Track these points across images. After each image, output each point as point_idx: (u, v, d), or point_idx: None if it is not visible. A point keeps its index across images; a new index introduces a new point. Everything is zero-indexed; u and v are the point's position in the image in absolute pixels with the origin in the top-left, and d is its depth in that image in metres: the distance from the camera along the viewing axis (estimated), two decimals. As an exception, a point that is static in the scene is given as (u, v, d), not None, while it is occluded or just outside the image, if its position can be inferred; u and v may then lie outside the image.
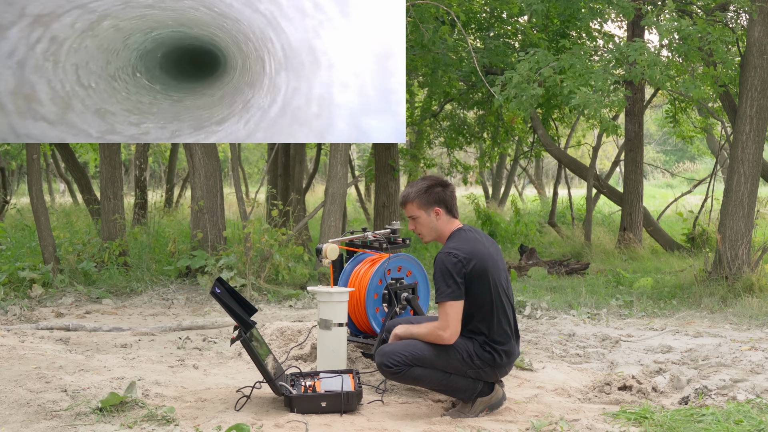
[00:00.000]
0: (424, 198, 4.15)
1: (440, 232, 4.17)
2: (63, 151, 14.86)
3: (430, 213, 4.15)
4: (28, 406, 4.06)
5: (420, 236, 4.21)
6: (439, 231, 4.17)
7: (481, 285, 4.00)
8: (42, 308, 7.66)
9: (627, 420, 3.99)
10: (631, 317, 7.63)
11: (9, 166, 19.90)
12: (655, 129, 28.74)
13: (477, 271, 3.98)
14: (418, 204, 4.15)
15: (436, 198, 4.15)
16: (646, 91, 14.09)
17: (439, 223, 4.16)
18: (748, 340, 6.33)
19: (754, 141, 8.56)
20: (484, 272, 4.00)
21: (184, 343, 6.03)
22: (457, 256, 3.97)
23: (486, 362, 4.05)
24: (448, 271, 3.95)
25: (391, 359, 4.02)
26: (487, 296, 4.02)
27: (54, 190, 25.20)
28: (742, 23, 9.90)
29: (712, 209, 12.69)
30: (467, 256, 3.97)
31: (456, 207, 4.22)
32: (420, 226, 4.18)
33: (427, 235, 4.19)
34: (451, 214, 4.18)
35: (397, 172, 12.99)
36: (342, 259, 5.00)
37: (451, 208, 4.18)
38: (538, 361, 5.43)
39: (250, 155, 27.40)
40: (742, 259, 8.37)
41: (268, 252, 8.83)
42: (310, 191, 18.04)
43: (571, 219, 16.53)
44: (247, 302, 4.31)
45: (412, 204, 4.16)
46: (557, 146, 15.16)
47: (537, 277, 10.62)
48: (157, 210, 14.69)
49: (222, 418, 3.91)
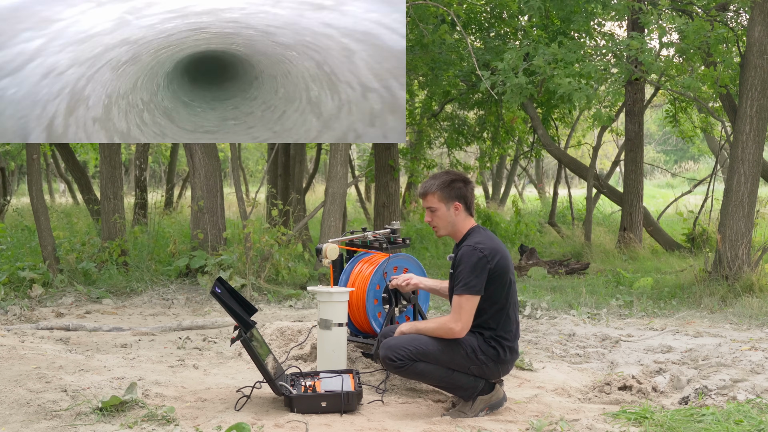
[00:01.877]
0: (446, 191, 4.15)
1: (456, 228, 4.18)
2: (63, 151, 14.86)
3: (450, 207, 4.16)
4: (28, 406, 4.06)
5: (435, 229, 4.21)
6: (456, 227, 4.18)
7: (499, 282, 4.04)
8: (42, 308, 7.66)
9: (627, 420, 3.99)
10: (631, 317, 7.63)
11: (9, 166, 19.90)
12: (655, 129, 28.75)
13: (498, 268, 4.03)
14: (439, 197, 4.16)
15: (458, 193, 4.16)
16: (647, 91, 14.09)
17: (457, 219, 4.17)
18: (748, 340, 6.33)
19: (754, 141, 8.55)
20: (503, 270, 4.05)
21: (184, 343, 6.03)
22: (483, 251, 4.00)
23: (490, 357, 4.07)
24: (474, 265, 3.98)
25: (396, 353, 4.03)
26: (502, 294, 4.06)
27: (54, 190, 25.21)
28: (742, 23, 9.90)
29: (712, 209, 12.69)
30: (491, 253, 4.01)
31: (474, 205, 4.24)
32: (437, 218, 4.18)
33: (443, 228, 4.20)
34: (468, 211, 4.20)
35: (397, 172, 12.99)
36: (342, 259, 5.00)
37: (469, 205, 4.21)
38: (538, 361, 5.43)
39: (250, 155, 27.39)
40: (742, 259, 8.37)
41: (268, 252, 8.82)
42: (310, 191, 18.04)
43: (571, 219, 16.54)
44: (247, 302, 4.31)
45: (433, 196, 4.17)
46: (557, 146, 15.16)
47: (537, 277, 10.62)
48: (157, 210, 14.69)
49: (222, 418, 3.91)
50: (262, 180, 14.23)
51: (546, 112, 14.67)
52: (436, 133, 16.44)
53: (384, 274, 4.73)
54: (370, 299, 4.74)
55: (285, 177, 13.66)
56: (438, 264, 11.70)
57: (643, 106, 13.52)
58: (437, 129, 16.36)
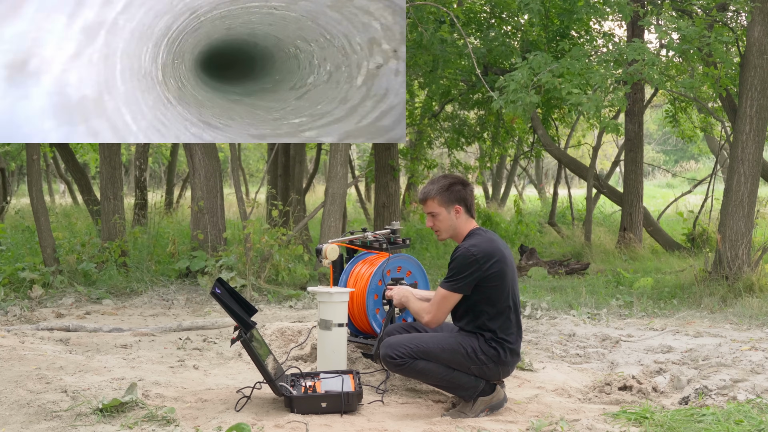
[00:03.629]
0: (446, 195, 4.17)
1: (458, 231, 4.20)
2: (63, 151, 14.86)
3: (451, 211, 4.17)
4: (28, 406, 4.06)
5: (437, 233, 4.23)
6: (457, 229, 4.19)
7: (497, 284, 4.04)
8: (42, 309, 7.66)
9: (627, 420, 3.99)
10: (631, 317, 7.63)
11: (9, 166, 19.90)
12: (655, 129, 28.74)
13: (494, 270, 4.03)
14: (439, 201, 4.17)
15: (458, 196, 4.17)
16: (646, 91, 14.09)
17: (458, 222, 4.18)
18: (748, 340, 6.33)
19: (754, 141, 8.56)
20: (501, 272, 4.05)
21: (184, 343, 6.03)
22: (475, 254, 4.01)
23: (491, 358, 4.07)
24: (463, 266, 4.01)
25: (396, 351, 4.04)
26: (501, 296, 4.07)
27: (54, 191, 25.20)
28: (742, 23, 9.90)
29: (712, 209, 12.69)
30: (485, 256, 4.02)
31: (474, 207, 4.26)
32: (439, 222, 4.20)
33: (444, 232, 4.21)
34: (469, 213, 4.21)
35: (397, 173, 12.99)
36: (342, 259, 5.00)
37: (470, 208, 4.22)
38: (538, 361, 5.43)
39: (250, 155, 27.39)
40: (742, 259, 8.37)
41: (268, 252, 8.82)
42: (310, 191, 18.04)
43: (571, 219, 16.54)
44: (248, 303, 4.31)
45: (433, 201, 4.18)
46: (557, 146, 15.16)
47: (537, 277, 10.62)
48: (157, 210, 14.68)
49: (222, 419, 3.91)
50: (262, 180, 14.23)
51: (546, 112, 14.67)
52: (437, 133, 16.43)
53: (387, 272, 4.73)
54: (370, 299, 4.74)
55: (285, 177, 13.66)
56: (438, 264, 11.70)
57: (643, 106, 13.52)
58: (437, 129, 16.36)
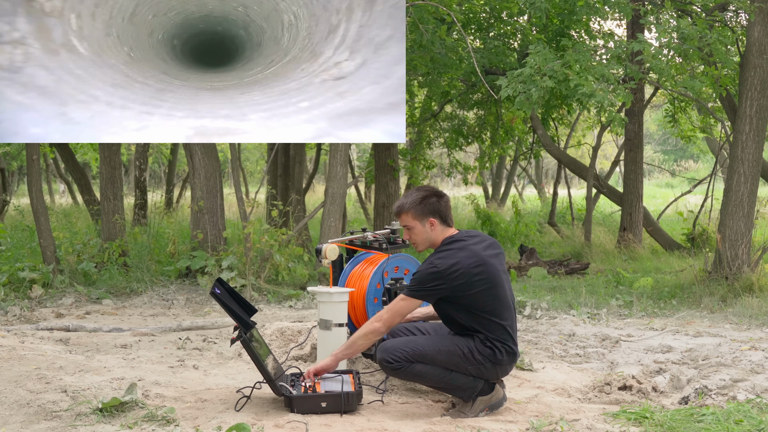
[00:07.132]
0: (419, 209, 4.18)
1: (434, 242, 4.23)
2: (63, 151, 14.86)
3: (425, 224, 4.19)
4: (28, 406, 4.06)
5: (414, 245, 4.26)
6: (433, 240, 4.22)
7: (471, 290, 4.03)
8: (42, 309, 7.66)
9: (627, 420, 3.99)
10: (631, 317, 7.63)
11: (9, 166, 19.90)
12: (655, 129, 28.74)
13: (462, 280, 4.01)
14: (413, 215, 4.19)
15: (431, 209, 4.19)
16: (646, 90, 14.09)
17: (433, 234, 4.21)
18: (748, 340, 6.34)
19: (754, 141, 8.56)
20: (471, 279, 4.01)
21: (184, 343, 6.03)
22: (438, 267, 4.02)
23: (487, 358, 4.06)
24: (423, 277, 4.05)
25: (392, 355, 4.04)
26: (479, 299, 4.04)
27: (54, 191, 25.20)
28: (742, 23, 9.90)
29: (712, 209, 12.69)
30: (447, 269, 4.00)
31: (451, 216, 4.27)
32: (414, 235, 4.23)
33: (421, 244, 4.25)
34: (445, 223, 4.23)
35: (397, 173, 12.99)
36: (342, 259, 5.00)
37: (445, 218, 4.22)
38: (538, 361, 5.43)
39: (250, 155, 27.40)
40: (742, 259, 8.37)
41: (268, 252, 8.83)
42: (310, 191, 18.04)
43: (571, 219, 16.53)
44: (247, 303, 4.31)
45: (407, 215, 4.21)
46: (557, 146, 15.16)
47: (537, 277, 10.62)
48: (157, 210, 14.69)
49: (222, 419, 3.91)
50: (261, 180, 14.23)
51: (545, 112, 14.67)
52: (436, 133, 16.43)
53: (385, 274, 4.73)
54: (370, 299, 4.74)
55: (285, 177, 13.66)
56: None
57: (643, 106, 13.52)
58: (437, 129, 16.36)
